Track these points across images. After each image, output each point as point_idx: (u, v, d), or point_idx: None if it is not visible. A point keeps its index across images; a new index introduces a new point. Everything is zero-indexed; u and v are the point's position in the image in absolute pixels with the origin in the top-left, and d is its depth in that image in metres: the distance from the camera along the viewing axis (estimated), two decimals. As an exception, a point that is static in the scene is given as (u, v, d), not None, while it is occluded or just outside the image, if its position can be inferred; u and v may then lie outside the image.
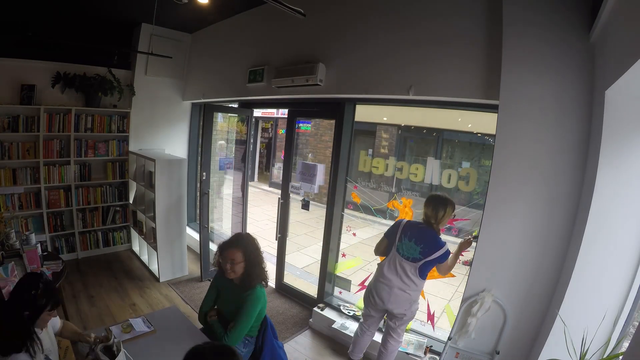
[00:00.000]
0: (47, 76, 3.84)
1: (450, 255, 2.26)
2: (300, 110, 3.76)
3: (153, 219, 3.81)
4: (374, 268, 3.13)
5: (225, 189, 5.18)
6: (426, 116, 6.25)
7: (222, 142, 5.06)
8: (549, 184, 1.94)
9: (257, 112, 10.15)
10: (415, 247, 2.25)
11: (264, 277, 1.99)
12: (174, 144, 4.91)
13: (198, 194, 4.68)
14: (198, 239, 4.03)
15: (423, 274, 2.27)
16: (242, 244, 1.95)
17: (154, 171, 3.69)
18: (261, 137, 12.03)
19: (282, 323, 3.24)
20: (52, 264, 2.72)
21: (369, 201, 3.13)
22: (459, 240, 2.49)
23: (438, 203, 2.26)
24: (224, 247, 1.96)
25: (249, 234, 2.11)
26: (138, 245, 4.56)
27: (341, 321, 3.07)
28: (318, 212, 5.32)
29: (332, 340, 3.05)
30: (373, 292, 2.40)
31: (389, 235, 2.41)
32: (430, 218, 2.27)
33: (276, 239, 3.78)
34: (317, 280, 3.49)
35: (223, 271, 1.96)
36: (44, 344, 1.56)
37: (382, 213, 3.02)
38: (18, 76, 3.70)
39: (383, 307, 2.37)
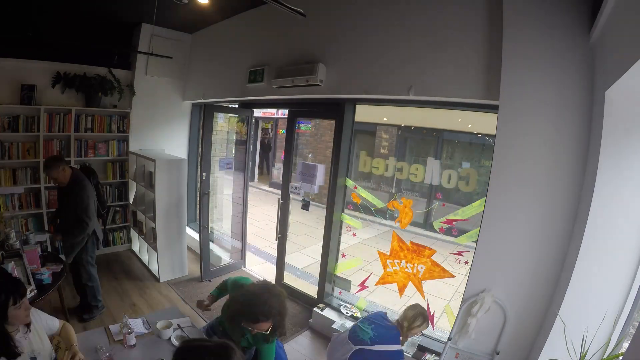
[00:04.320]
0: (47, 76, 3.84)
1: None
2: (300, 110, 3.76)
3: (153, 219, 3.81)
4: (374, 268, 3.13)
5: (225, 189, 5.17)
6: (426, 116, 6.24)
7: (222, 142, 5.06)
8: (548, 184, 1.94)
9: (257, 113, 10.15)
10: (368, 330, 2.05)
11: (283, 332, 1.75)
12: (174, 144, 4.91)
13: (198, 194, 4.68)
14: (198, 239, 4.03)
15: None
16: (273, 314, 1.64)
17: (154, 171, 3.69)
18: (261, 137, 12.02)
19: (282, 323, 3.24)
20: (52, 264, 2.72)
21: (369, 201, 3.12)
22: (457, 242, 2.49)
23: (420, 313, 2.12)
24: (254, 315, 1.62)
25: (275, 286, 1.77)
26: (138, 245, 4.56)
27: (341, 321, 3.06)
28: (318, 212, 5.31)
29: (332, 340, 3.05)
30: None
31: None
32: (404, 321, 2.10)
33: (276, 239, 3.78)
34: (317, 280, 3.49)
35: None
36: (33, 345, 1.52)
37: (382, 213, 3.02)
38: (18, 76, 3.70)
39: None
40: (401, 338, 2.05)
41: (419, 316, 2.09)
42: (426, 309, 2.23)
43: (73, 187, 2.83)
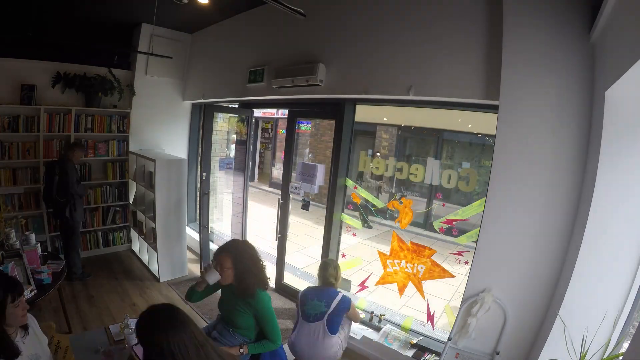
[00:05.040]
0: (47, 76, 3.84)
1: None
2: (300, 110, 3.76)
3: (153, 219, 3.81)
4: (374, 268, 3.13)
5: (225, 189, 5.18)
6: (426, 116, 6.26)
7: (222, 142, 5.07)
8: (548, 184, 1.94)
9: (257, 113, 10.15)
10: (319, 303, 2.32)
11: (261, 283, 1.94)
12: (174, 144, 4.91)
13: (198, 194, 4.69)
14: (198, 239, 4.03)
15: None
16: (232, 250, 1.93)
17: (154, 171, 3.69)
18: (261, 137, 12.01)
19: (282, 323, 3.24)
20: (52, 264, 2.72)
21: (369, 201, 3.12)
22: (457, 242, 2.49)
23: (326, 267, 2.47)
24: (217, 252, 1.96)
25: (245, 240, 2.10)
26: (138, 245, 4.56)
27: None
28: (318, 212, 5.31)
29: (332, 340, 3.04)
30: None
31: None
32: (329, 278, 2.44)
33: (276, 239, 3.78)
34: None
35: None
36: (31, 347, 1.51)
37: (382, 213, 3.02)
38: (18, 76, 3.70)
39: None
40: (338, 290, 2.41)
41: (328, 267, 2.43)
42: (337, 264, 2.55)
43: None
